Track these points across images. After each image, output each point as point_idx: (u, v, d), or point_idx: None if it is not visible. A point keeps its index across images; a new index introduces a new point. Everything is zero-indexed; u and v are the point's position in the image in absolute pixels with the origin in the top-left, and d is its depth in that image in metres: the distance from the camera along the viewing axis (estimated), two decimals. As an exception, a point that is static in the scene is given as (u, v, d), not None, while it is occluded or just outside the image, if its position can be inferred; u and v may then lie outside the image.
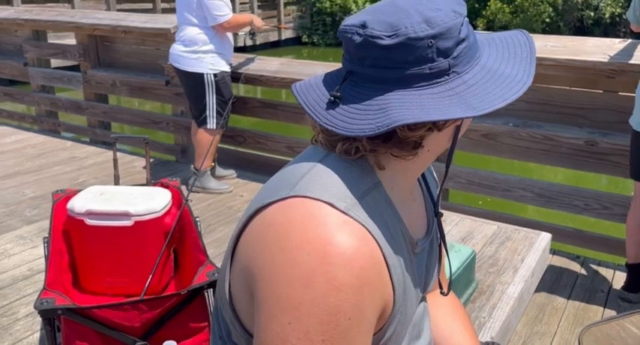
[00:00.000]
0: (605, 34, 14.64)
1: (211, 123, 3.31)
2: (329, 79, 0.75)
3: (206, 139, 3.27)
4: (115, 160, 2.22)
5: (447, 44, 0.69)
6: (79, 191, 2.04)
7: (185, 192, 2.10)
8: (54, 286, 1.67)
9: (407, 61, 0.68)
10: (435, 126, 0.71)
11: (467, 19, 0.72)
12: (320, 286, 0.62)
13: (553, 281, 2.62)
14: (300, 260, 0.63)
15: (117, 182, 2.25)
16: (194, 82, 3.27)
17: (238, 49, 3.57)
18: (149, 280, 1.84)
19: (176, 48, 3.30)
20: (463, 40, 0.70)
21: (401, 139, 0.70)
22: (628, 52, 2.55)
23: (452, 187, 3.17)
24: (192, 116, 3.51)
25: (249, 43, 13.29)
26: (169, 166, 4.04)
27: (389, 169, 0.75)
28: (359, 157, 0.73)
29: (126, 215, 1.90)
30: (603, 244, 2.88)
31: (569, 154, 2.79)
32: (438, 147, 0.76)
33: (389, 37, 0.67)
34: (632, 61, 2.50)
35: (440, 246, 0.92)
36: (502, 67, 0.73)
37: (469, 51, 0.71)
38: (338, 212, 0.66)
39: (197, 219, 2.00)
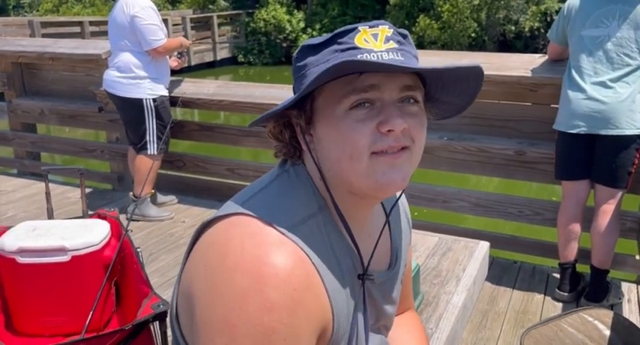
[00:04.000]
0: (526, 46, 15.50)
1: (152, 148, 3.24)
2: None
3: (146, 165, 3.19)
4: (48, 193, 2.12)
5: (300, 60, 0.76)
6: (8, 228, 1.94)
7: (124, 222, 2.04)
8: (-15, 331, 1.57)
9: None
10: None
11: (329, 49, 0.72)
12: (253, 306, 0.63)
13: (494, 287, 2.71)
14: (235, 281, 0.64)
15: (50, 216, 2.15)
16: (133, 107, 3.20)
17: (175, 71, 3.53)
18: (90, 316, 1.76)
19: (111, 74, 3.22)
20: (302, 66, 0.74)
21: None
22: (546, 66, 2.72)
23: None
24: (129, 142, 3.42)
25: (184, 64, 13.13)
26: (106, 195, 3.89)
27: (335, 192, 0.75)
28: (305, 178, 0.75)
29: (62, 250, 1.82)
30: (538, 248, 3.02)
31: (501, 164, 2.92)
32: (330, 145, 0.74)
33: None
34: (550, 75, 2.66)
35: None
36: None
37: (303, 79, 0.73)
38: (276, 232, 0.68)
39: (138, 249, 1.94)
